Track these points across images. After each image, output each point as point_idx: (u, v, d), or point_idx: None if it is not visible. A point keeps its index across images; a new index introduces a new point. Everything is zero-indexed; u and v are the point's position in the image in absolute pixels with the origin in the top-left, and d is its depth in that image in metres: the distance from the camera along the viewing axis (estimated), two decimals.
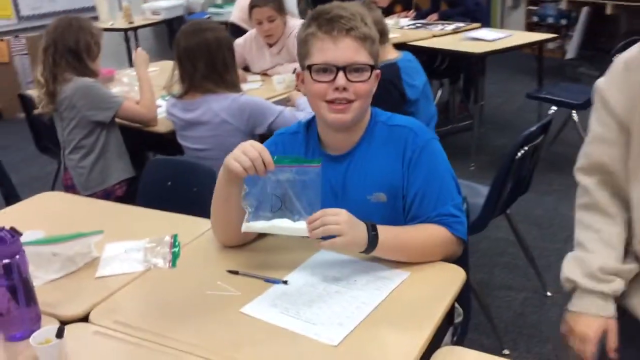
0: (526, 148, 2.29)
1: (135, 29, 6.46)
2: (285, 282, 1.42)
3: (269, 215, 1.41)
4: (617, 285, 1.32)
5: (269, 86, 3.29)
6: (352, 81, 1.44)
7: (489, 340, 2.43)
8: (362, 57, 1.45)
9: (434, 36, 4.69)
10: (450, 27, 4.89)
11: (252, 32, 3.63)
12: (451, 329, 1.61)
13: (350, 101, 1.46)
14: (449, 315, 1.47)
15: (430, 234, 1.48)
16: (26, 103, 3.39)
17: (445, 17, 5.24)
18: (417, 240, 1.47)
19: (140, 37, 6.92)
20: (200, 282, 1.44)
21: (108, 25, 6.13)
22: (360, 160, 1.55)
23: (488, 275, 2.85)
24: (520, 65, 6.12)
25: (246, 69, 3.66)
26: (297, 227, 1.39)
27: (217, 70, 2.36)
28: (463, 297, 1.68)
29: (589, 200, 1.39)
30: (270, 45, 3.53)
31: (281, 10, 3.38)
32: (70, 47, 2.60)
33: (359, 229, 1.37)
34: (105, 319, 1.32)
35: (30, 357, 1.17)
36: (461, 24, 4.94)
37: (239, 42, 3.54)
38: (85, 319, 1.33)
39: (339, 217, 1.34)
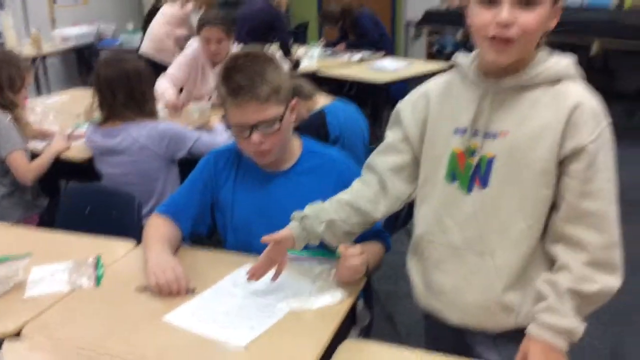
0: None
1: (44, 56, 6.38)
2: (193, 291, 1.56)
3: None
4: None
5: (185, 114, 3.35)
6: (268, 134, 1.62)
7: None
8: (270, 112, 1.60)
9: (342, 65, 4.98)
10: (356, 56, 5.19)
11: (196, 50, 3.62)
12: (358, 330, 1.81)
13: (267, 150, 1.65)
14: (352, 315, 1.67)
15: (380, 248, 1.73)
16: None
17: (352, 47, 5.53)
18: (377, 255, 1.71)
19: (48, 65, 6.84)
20: (124, 297, 1.56)
21: (16, 52, 6.01)
22: (293, 182, 1.74)
23: (393, 286, 3.07)
24: None
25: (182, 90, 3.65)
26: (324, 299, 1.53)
27: (135, 100, 2.49)
28: (369, 302, 1.90)
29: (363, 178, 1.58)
30: (214, 65, 3.54)
31: (230, 32, 3.45)
32: None
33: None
34: (38, 334, 1.41)
35: None
36: (367, 53, 5.25)
37: (190, 55, 3.61)
38: (17, 335, 1.42)
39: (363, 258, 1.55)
